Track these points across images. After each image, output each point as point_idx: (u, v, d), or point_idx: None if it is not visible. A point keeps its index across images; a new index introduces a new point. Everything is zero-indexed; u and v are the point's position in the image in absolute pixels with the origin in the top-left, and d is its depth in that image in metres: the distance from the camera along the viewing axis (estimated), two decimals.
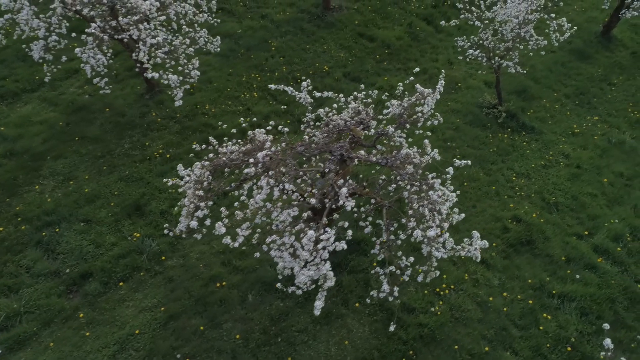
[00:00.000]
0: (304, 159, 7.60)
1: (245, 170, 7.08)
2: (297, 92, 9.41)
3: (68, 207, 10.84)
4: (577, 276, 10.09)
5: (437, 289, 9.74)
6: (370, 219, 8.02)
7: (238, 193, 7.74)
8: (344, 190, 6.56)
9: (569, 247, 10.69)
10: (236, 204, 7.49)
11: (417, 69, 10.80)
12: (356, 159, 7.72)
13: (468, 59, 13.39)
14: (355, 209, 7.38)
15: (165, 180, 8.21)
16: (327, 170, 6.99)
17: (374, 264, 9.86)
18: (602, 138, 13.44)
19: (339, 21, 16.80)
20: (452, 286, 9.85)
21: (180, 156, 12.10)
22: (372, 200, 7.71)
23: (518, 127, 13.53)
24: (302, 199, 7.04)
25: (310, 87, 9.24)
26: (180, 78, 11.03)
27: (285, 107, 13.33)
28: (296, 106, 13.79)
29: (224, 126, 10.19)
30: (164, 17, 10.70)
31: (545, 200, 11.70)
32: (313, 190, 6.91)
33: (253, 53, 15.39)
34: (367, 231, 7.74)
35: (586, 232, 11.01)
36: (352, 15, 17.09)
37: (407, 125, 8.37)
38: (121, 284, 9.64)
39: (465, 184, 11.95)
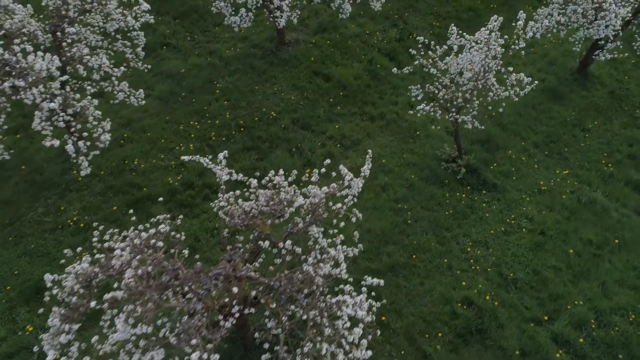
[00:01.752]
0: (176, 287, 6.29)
1: (105, 297, 5.83)
2: (213, 165, 8.16)
3: None
4: None
5: None
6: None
7: (103, 321, 6.47)
8: (194, 356, 5.27)
9: (525, 336, 9.44)
10: (94, 338, 6.20)
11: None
12: (245, 279, 6.45)
13: (419, 114, 12.05)
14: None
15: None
16: (192, 311, 5.74)
17: None
18: (572, 197, 12.19)
19: (294, 57, 15.55)
20: None
21: (97, 221, 10.84)
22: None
23: (479, 185, 12.28)
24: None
25: (227, 157, 7.94)
26: (88, 143, 9.79)
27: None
28: (235, 161, 12.55)
29: (150, 186, 8.85)
30: (64, 77, 9.41)
31: (503, 275, 10.46)
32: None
33: (196, 96, 14.13)
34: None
35: (546, 318, 9.76)
36: (309, 50, 15.84)
37: (320, 223, 7.11)
38: None
39: (414, 256, 10.71)
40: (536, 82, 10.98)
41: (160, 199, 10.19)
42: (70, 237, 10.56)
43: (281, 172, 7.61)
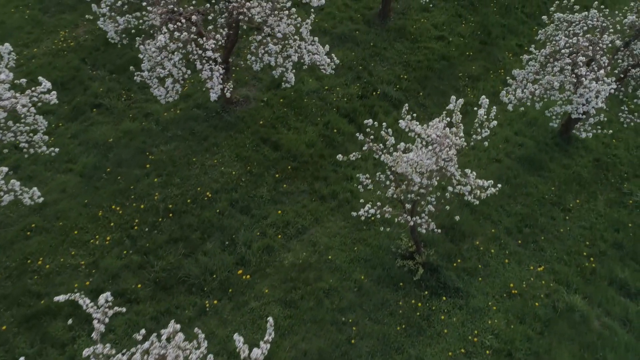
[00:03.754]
0: None
1: None
2: (92, 309, 6.56)
3: None
4: None
5: None
6: None
7: None
8: None
9: None
10: None
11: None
12: None
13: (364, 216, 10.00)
14: None
15: None
16: None
17: None
18: (546, 302, 10.51)
19: (242, 120, 13.85)
20: None
21: None
22: None
23: (438, 288, 10.59)
24: None
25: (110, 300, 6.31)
26: None
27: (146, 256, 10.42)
28: (158, 257, 10.87)
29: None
30: None
31: None
32: None
33: (123, 170, 12.42)
34: None
35: None
36: (259, 110, 14.14)
37: None
38: None
39: None
40: (499, 185, 9.22)
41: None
42: None
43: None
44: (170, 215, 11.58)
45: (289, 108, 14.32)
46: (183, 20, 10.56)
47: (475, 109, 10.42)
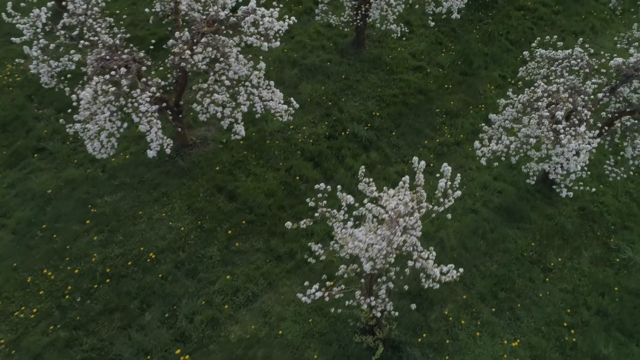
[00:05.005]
0: None
1: None
2: None
3: None
4: None
5: None
6: None
7: None
8: None
9: None
10: None
11: None
12: None
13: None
14: None
15: None
16: None
17: None
18: None
19: (197, 165, 12.76)
20: None
21: None
22: None
23: None
24: None
25: None
26: None
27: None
28: (88, 333, 9.76)
29: None
30: None
31: None
32: None
33: (61, 227, 11.34)
34: None
35: None
36: (217, 153, 13.05)
37: None
38: None
39: None
40: (460, 270, 8.06)
41: None
42: None
43: None
44: (108, 280, 10.48)
45: (250, 151, 13.23)
46: (115, 71, 9.46)
47: (454, 146, 9.23)
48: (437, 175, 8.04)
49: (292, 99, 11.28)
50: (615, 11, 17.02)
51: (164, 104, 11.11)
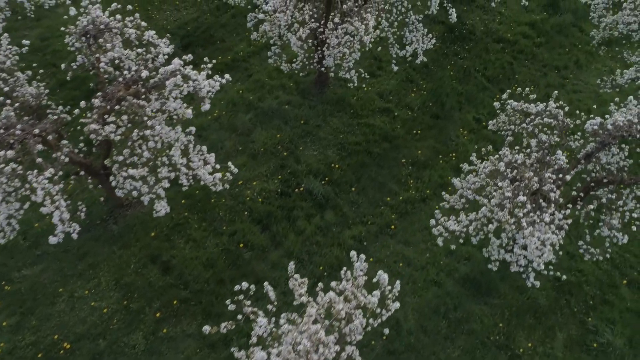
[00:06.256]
0: None
1: None
2: None
3: None
4: None
5: None
6: None
7: None
8: None
9: None
10: None
11: None
12: None
13: None
14: None
15: None
16: None
17: None
18: None
19: (131, 229, 11.50)
20: None
21: None
22: None
23: None
24: None
25: None
26: None
27: None
28: None
29: None
30: None
31: None
32: None
33: None
34: None
35: None
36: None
37: None
38: None
39: None
40: None
41: None
42: None
43: None
44: None
45: (192, 211, 11.97)
46: (11, 147, 8.20)
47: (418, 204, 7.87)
48: (374, 280, 6.82)
49: (230, 163, 9.98)
50: (599, 50, 15.75)
51: (82, 172, 9.86)
